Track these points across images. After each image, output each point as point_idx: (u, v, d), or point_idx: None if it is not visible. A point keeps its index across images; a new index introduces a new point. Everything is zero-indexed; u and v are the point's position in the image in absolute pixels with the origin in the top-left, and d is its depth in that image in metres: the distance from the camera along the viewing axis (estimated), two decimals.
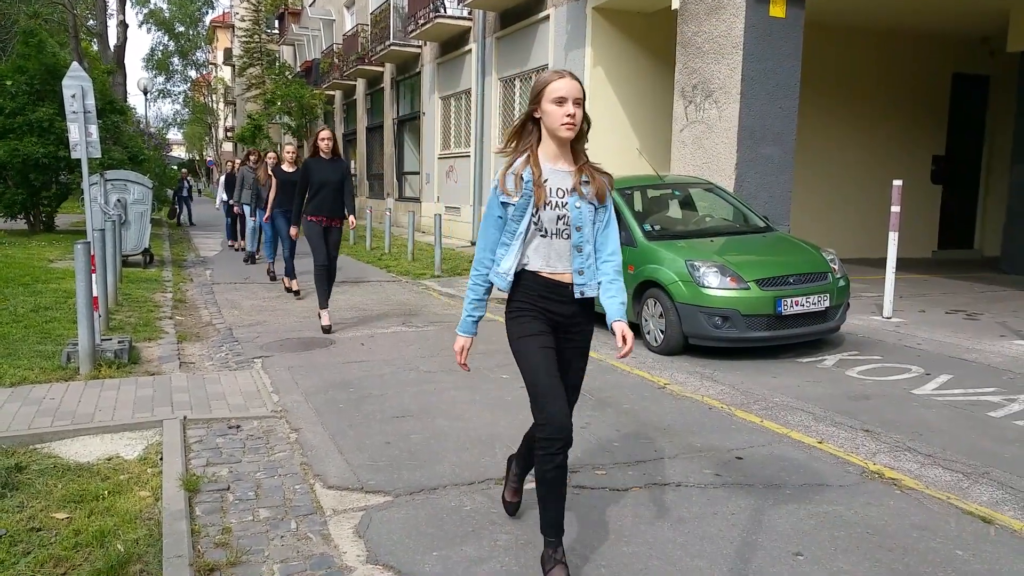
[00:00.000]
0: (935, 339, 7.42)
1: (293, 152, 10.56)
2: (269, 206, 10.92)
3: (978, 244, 15.72)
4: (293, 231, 8.27)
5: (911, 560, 3.25)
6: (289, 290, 10.42)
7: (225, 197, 17.33)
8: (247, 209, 14.19)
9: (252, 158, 14.54)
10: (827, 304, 6.85)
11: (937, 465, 4.34)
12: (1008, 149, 13.18)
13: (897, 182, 8.27)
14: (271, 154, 12.06)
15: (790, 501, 3.84)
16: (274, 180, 10.67)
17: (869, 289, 9.98)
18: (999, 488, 4.02)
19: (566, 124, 2.86)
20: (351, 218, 8.01)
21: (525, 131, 3.01)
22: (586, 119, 2.95)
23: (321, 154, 7.82)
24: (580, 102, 2.88)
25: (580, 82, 2.93)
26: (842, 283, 7.09)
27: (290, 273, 10.29)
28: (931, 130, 14.69)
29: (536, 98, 2.93)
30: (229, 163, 20.15)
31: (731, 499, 3.87)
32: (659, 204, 8.49)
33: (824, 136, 13.34)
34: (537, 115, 2.95)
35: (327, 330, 7.78)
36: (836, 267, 7.16)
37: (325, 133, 7.87)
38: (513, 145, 3.05)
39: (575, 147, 2.99)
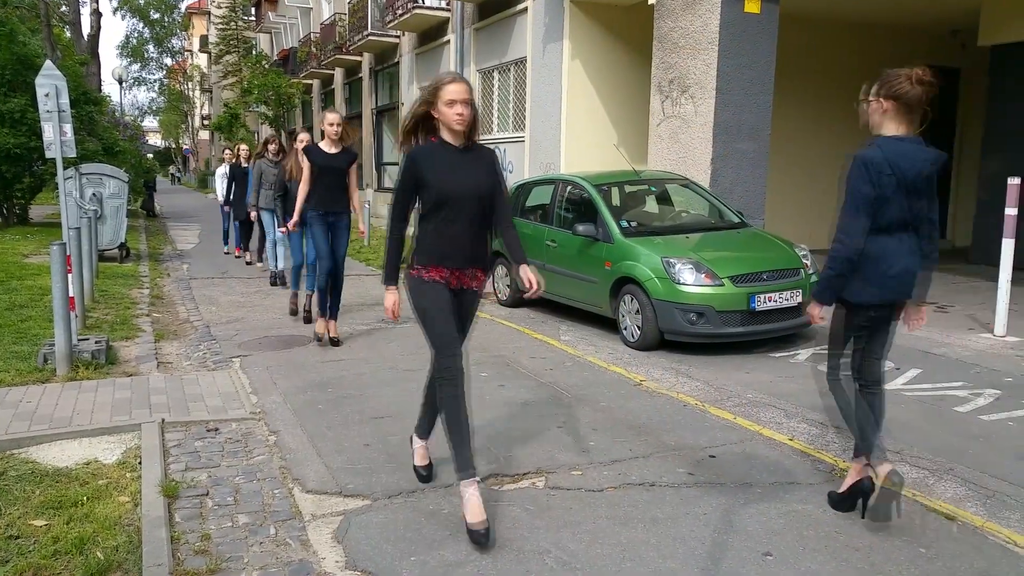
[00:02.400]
0: (905, 332, 7.54)
1: (338, 125, 6.99)
2: (299, 205, 7.37)
3: (949, 235, 15.93)
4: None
5: (876, 559, 3.35)
6: (326, 339, 7.27)
7: (222, 197, 13.93)
8: (268, 217, 10.75)
9: (271, 147, 10.62)
10: (799, 299, 6.96)
11: (904, 462, 4.45)
12: (978, 141, 13.37)
13: None
14: (302, 135, 8.18)
15: (761, 500, 3.94)
16: (306, 168, 7.10)
17: None
18: (962, 484, 4.14)
19: None
20: (527, 271, 3.75)
21: None
22: None
23: (452, 128, 3.59)
24: None
25: None
26: (814, 278, 7.19)
27: (324, 308, 7.28)
28: None
29: None
30: (227, 151, 14.52)
31: (703, 499, 3.95)
32: (636, 200, 8.57)
33: (798, 129, 13.46)
34: None
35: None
36: (808, 263, 7.27)
37: (456, 88, 3.61)
38: None
39: None
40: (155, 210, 24.62)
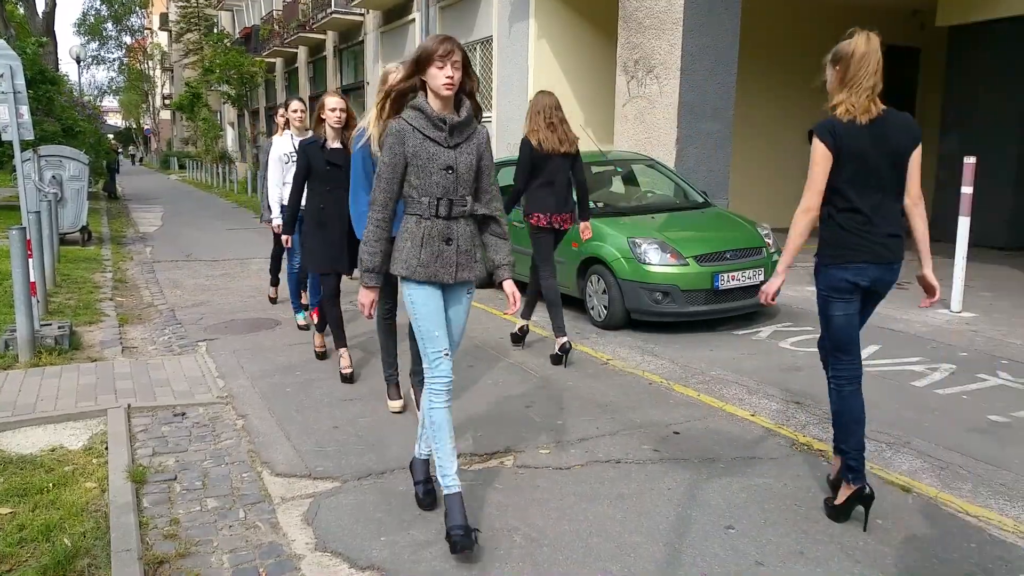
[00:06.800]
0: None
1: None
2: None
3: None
4: None
5: (835, 531, 3.45)
6: None
7: (276, 210, 6.88)
8: None
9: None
10: (762, 278, 7.07)
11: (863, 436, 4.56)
12: (937, 120, 13.59)
13: None
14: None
15: (723, 475, 4.03)
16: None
17: (805, 259, 10.23)
18: (918, 457, 4.27)
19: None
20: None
21: None
22: None
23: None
24: None
25: None
26: (776, 257, 7.30)
27: None
28: None
29: None
30: (299, 119, 7.52)
31: (668, 474, 4.04)
32: (602, 181, 8.60)
33: (761, 109, 13.57)
34: None
35: None
36: (770, 242, 7.38)
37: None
38: None
39: None
40: (117, 192, 24.22)
